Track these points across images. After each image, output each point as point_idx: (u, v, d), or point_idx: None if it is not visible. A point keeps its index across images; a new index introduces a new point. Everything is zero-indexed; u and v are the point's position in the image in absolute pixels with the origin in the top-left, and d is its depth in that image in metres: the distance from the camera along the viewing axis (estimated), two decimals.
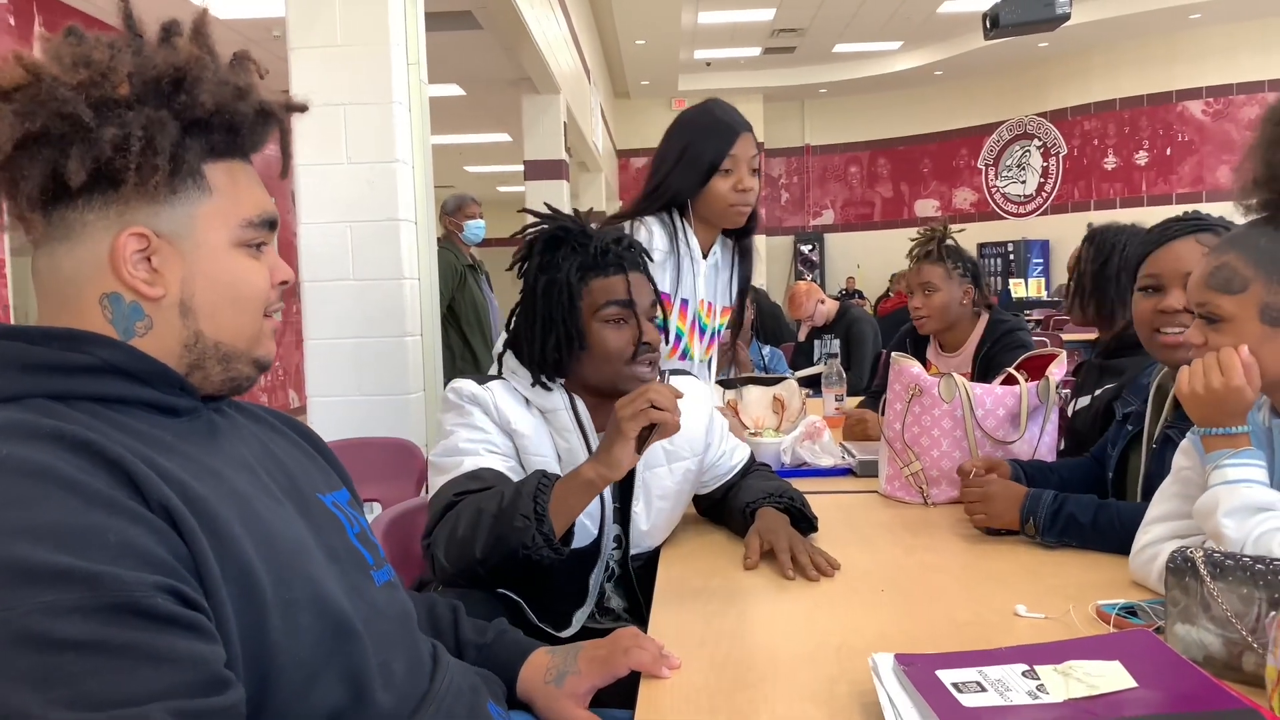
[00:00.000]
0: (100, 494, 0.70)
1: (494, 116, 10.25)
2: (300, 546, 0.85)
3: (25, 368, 0.77)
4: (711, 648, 1.14)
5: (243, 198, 0.88)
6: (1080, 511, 1.50)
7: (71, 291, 0.83)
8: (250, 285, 0.89)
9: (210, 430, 0.88)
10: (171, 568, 0.71)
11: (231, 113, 0.85)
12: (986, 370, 2.63)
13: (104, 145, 0.78)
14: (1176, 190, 12.17)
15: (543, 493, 1.31)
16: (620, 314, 1.50)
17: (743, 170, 2.08)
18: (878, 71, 13.70)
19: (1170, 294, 1.55)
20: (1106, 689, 0.88)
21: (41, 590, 0.64)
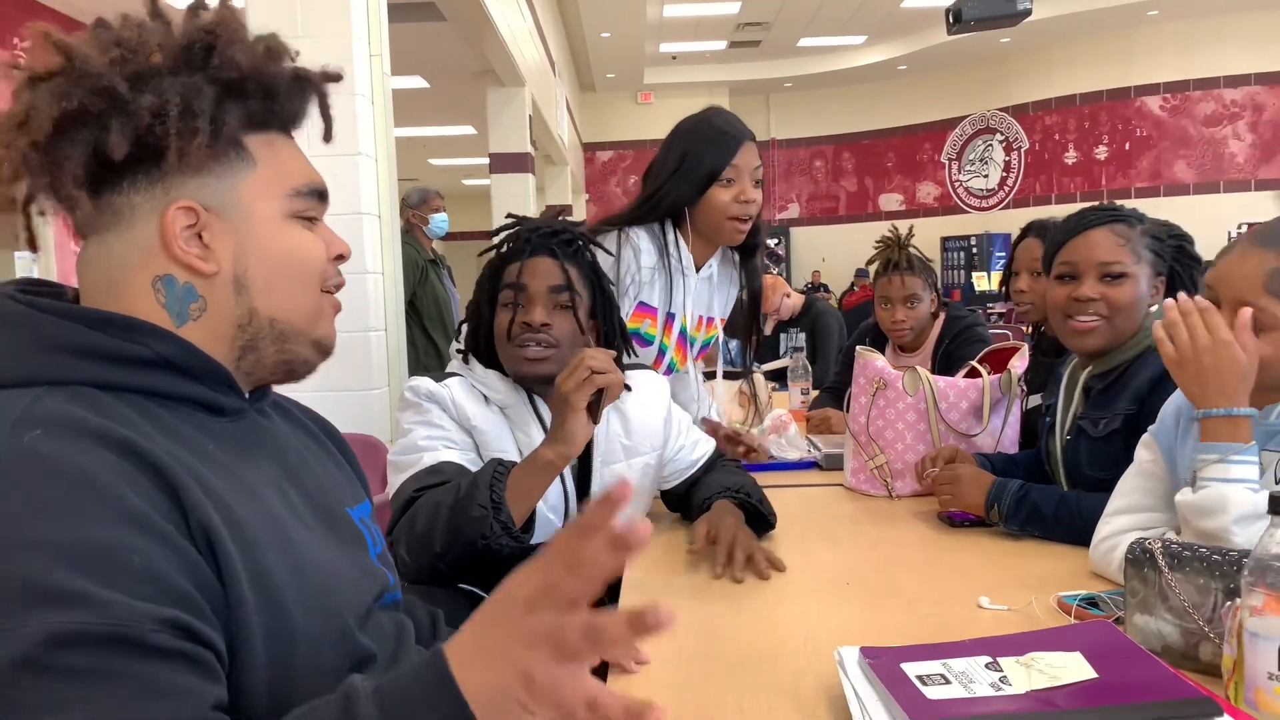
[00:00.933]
0: (133, 509, 0.68)
1: (458, 109, 10.18)
2: (329, 579, 0.83)
3: (79, 352, 0.75)
4: (680, 642, 1.14)
5: (289, 167, 0.85)
6: (1043, 502, 1.52)
7: (122, 277, 0.80)
8: (305, 256, 0.85)
9: (251, 437, 0.85)
10: (189, 600, 0.69)
11: (266, 75, 0.82)
12: (947, 366, 2.65)
13: (142, 114, 0.75)
14: (1135, 184, 12.36)
15: (499, 480, 1.31)
16: (509, 297, 1.53)
17: (745, 181, 1.98)
18: (842, 66, 13.76)
19: (1084, 282, 1.57)
20: (1068, 680, 0.90)
21: (48, 611, 0.62)
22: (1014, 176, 13.63)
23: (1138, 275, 1.55)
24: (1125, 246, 1.55)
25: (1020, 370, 1.97)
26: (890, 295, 2.85)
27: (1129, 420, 1.50)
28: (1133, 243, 1.56)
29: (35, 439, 0.68)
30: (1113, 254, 1.55)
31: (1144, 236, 1.57)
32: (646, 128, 14.78)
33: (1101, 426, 1.54)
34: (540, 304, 1.51)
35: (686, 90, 14.44)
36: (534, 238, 1.54)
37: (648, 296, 2.03)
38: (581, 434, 1.35)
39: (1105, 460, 1.52)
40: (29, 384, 0.73)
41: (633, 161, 14.93)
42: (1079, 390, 1.62)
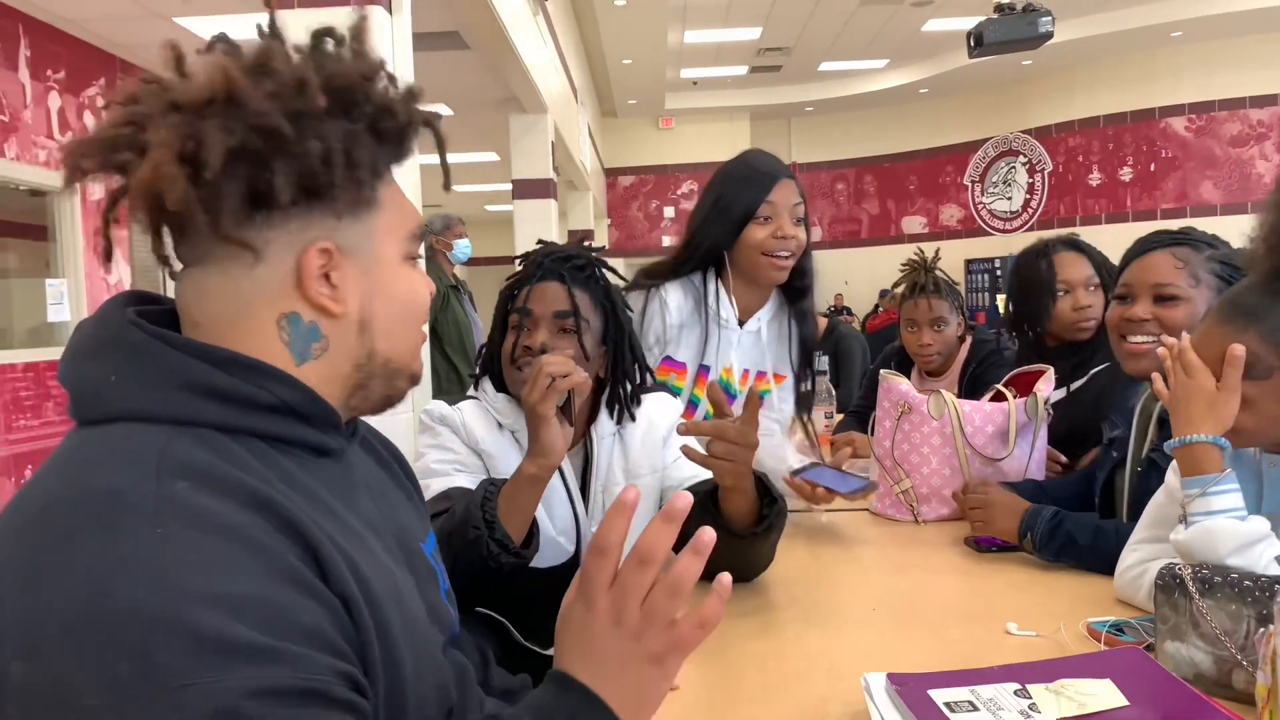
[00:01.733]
0: (293, 569, 0.68)
1: (481, 136, 10.27)
2: (427, 629, 0.83)
3: (205, 393, 0.73)
4: (703, 667, 1.13)
5: (405, 210, 0.85)
6: (1078, 531, 1.49)
7: (244, 310, 0.77)
8: (421, 298, 0.86)
9: (348, 477, 0.85)
10: (348, 655, 0.69)
11: (413, 123, 0.82)
12: (973, 390, 2.64)
13: (310, 159, 0.74)
14: (1161, 205, 12.27)
15: (489, 500, 1.32)
16: (516, 321, 1.54)
17: (783, 218, 1.91)
18: (863, 89, 13.79)
19: (1138, 303, 1.56)
20: (1098, 707, 0.88)
21: (241, 666, 0.61)
22: (1038, 198, 13.57)
23: (1194, 299, 1.53)
24: (1183, 270, 1.54)
25: (1046, 393, 1.95)
26: (917, 319, 2.83)
27: None
28: (1192, 266, 1.54)
29: (185, 491, 0.67)
30: (1167, 276, 1.54)
31: (1210, 262, 1.55)
32: (668, 152, 14.87)
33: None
34: (544, 328, 1.51)
35: (708, 115, 14.53)
36: (545, 262, 1.55)
37: (674, 352, 1.97)
38: (558, 441, 1.35)
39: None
40: (153, 419, 0.72)
41: (654, 186, 15.01)
42: (1153, 423, 1.60)
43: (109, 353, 0.75)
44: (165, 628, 0.61)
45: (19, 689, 0.61)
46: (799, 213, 1.94)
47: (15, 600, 0.63)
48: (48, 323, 6.13)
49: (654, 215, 15.05)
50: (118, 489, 0.66)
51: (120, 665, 0.59)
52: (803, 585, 1.48)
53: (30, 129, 5.84)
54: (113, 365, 0.74)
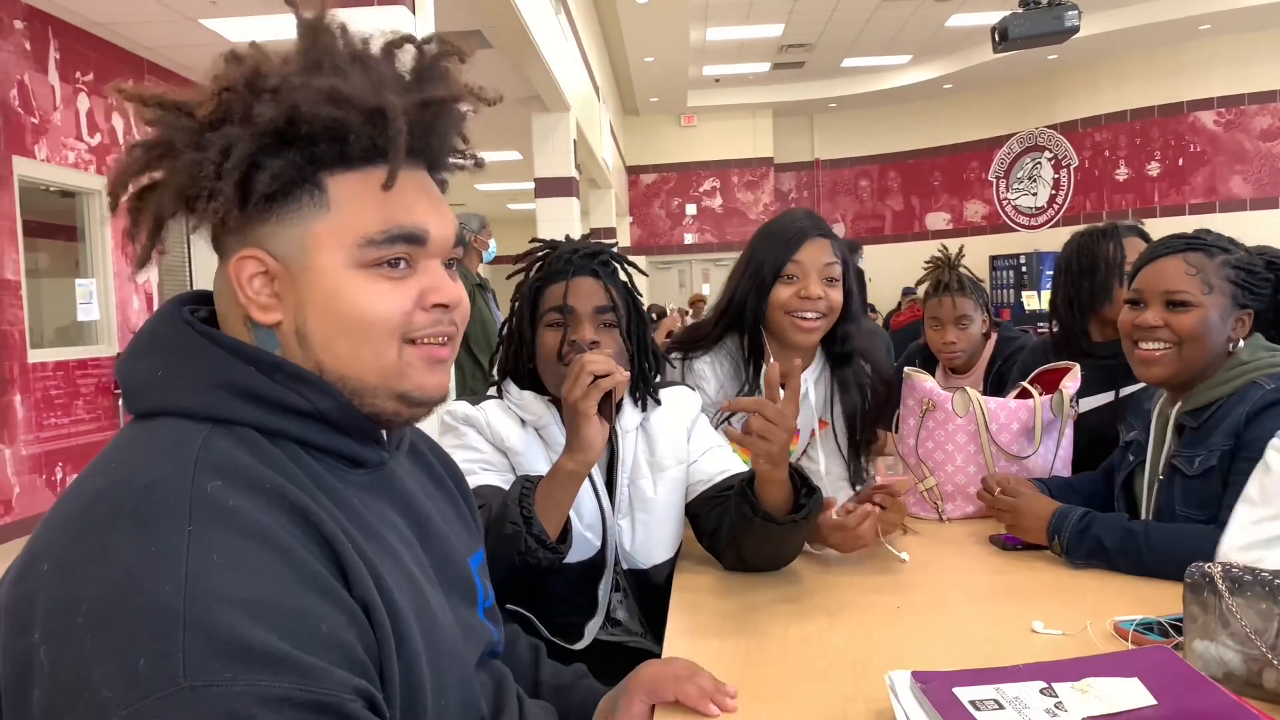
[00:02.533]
0: (316, 575, 0.69)
1: (504, 135, 10.30)
2: (454, 644, 0.83)
3: (246, 395, 0.75)
4: (726, 665, 1.14)
5: (367, 215, 0.78)
6: (1107, 534, 1.48)
7: (230, 313, 0.81)
8: (370, 313, 0.78)
9: (384, 489, 0.85)
10: (368, 670, 0.70)
11: (315, 124, 0.76)
12: (999, 387, 2.62)
13: (203, 165, 0.75)
14: (1189, 200, 12.13)
15: (527, 496, 1.32)
16: (556, 318, 1.54)
17: (810, 278, 1.81)
18: (887, 85, 13.72)
19: (1149, 309, 1.55)
20: (1125, 706, 0.88)
21: (254, 671, 0.62)
22: (1064, 194, 13.45)
23: (1206, 306, 1.50)
24: (1195, 276, 1.51)
25: (1072, 391, 1.94)
26: (941, 316, 2.81)
27: (1225, 457, 1.46)
28: (1205, 272, 1.51)
29: (219, 490, 0.68)
30: (1178, 283, 1.51)
31: (1225, 267, 1.52)
32: (690, 150, 14.86)
33: (1197, 465, 1.49)
34: (587, 323, 1.52)
35: (730, 112, 14.51)
36: (576, 259, 1.56)
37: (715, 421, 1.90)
38: (598, 438, 1.35)
39: (1201, 498, 1.48)
40: (196, 416, 0.74)
41: (676, 184, 15.00)
42: (1170, 428, 1.58)
43: (160, 350, 0.78)
44: (185, 626, 0.62)
45: (45, 675, 0.63)
46: (831, 273, 1.84)
47: (49, 590, 0.65)
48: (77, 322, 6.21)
49: (676, 213, 15.05)
50: (154, 484, 0.68)
51: (138, 660, 0.61)
52: (827, 583, 1.48)
53: (60, 130, 5.91)
54: (162, 361, 0.77)
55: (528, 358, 1.58)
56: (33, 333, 5.60)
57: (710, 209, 15.01)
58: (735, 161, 14.89)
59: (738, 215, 14.92)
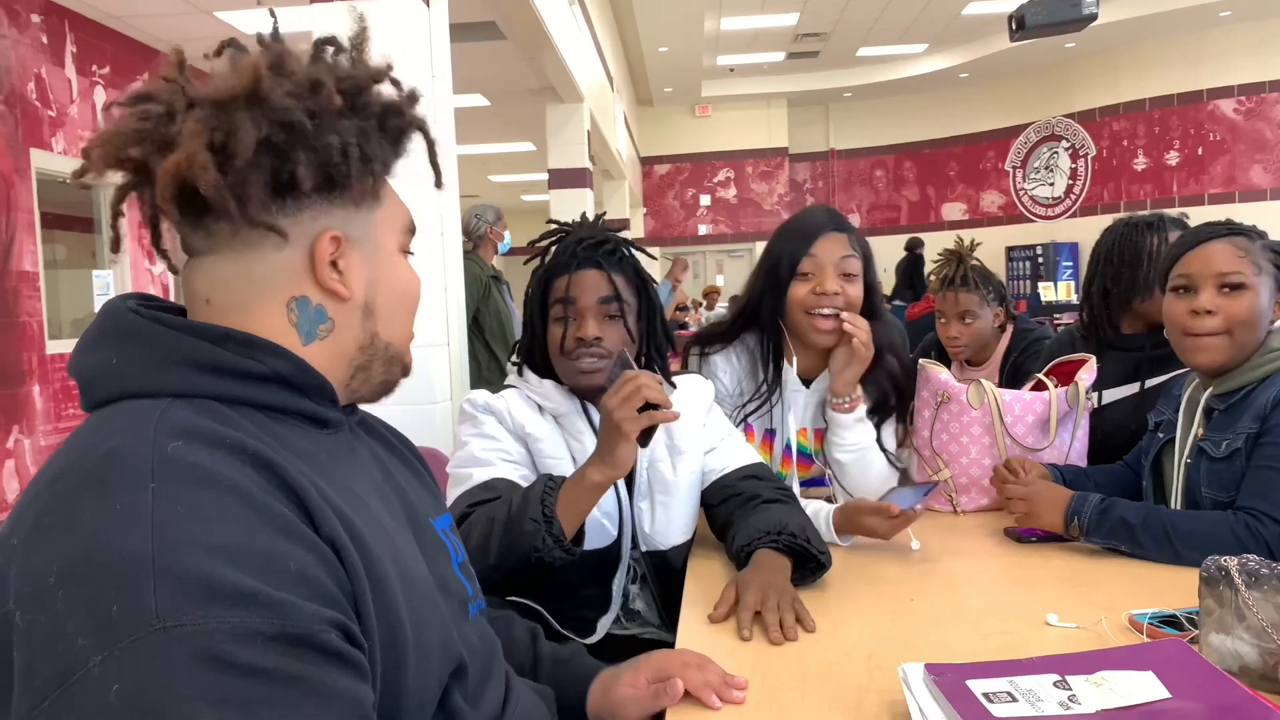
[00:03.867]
0: (280, 517, 0.70)
1: (518, 126, 10.30)
2: (429, 587, 0.85)
3: (200, 366, 0.77)
4: (740, 657, 1.14)
5: (400, 206, 0.92)
6: (1130, 513, 1.48)
7: (256, 294, 0.82)
8: (415, 287, 0.94)
9: (350, 448, 0.89)
10: (340, 603, 0.72)
11: (414, 125, 0.90)
12: (1015, 379, 2.60)
13: (331, 152, 0.80)
14: (1209, 190, 12.02)
15: (550, 495, 1.32)
16: (560, 312, 1.55)
17: (826, 273, 1.80)
18: (902, 75, 13.63)
19: (1202, 293, 1.53)
20: (1139, 700, 0.87)
21: (227, 609, 0.64)
22: (1081, 184, 13.35)
23: (1258, 287, 1.50)
24: (1245, 258, 1.51)
25: (1088, 383, 1.93)
26: (946, 311, 2.81)
27: (1250, 440, 1.46)
28: (1253, 255, 1.51)
29: (179, 448, 0.70)
30: (1232, 264, 1.51)
31: (1266, 250, 1.53)
32: (704, 140, 14.81)
33: (1224, 448, 1.50)
34: (591, 317, 1.53)
35: (744, 102, 14.45)
36: (579, 250, 1.56)
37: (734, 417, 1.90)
38: (629, 458, 1.35)
39: (1225, 481, 1.49)
40: (155, 395, 0.75)
41: (690, 174, 14.96)
42: (1199, 411, 1.58)
43: (110, 341, 0.79)
44: (155, 572, 0.63)
45: (21, 635, 0.64)
46: (847, 267, 1.81)
47: (20, 561, 0.66)
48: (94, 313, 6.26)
49: (690, 204, 15.01)
50: (115, 450, 0.70)
51: (110, 608, 0.62)
52: (840, 575, 1.47)
53: (76, 123, 5.95)
54: (114, 351, 0.78)
55: (540, 349, 1.60)
56: (51, 324, 5.64)
57: (724, 200, 14.97)
58: (750, 152, 14.84)
59: (752, 206, 14.88)
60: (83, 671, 0.61)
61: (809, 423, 1.93)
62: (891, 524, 1.54)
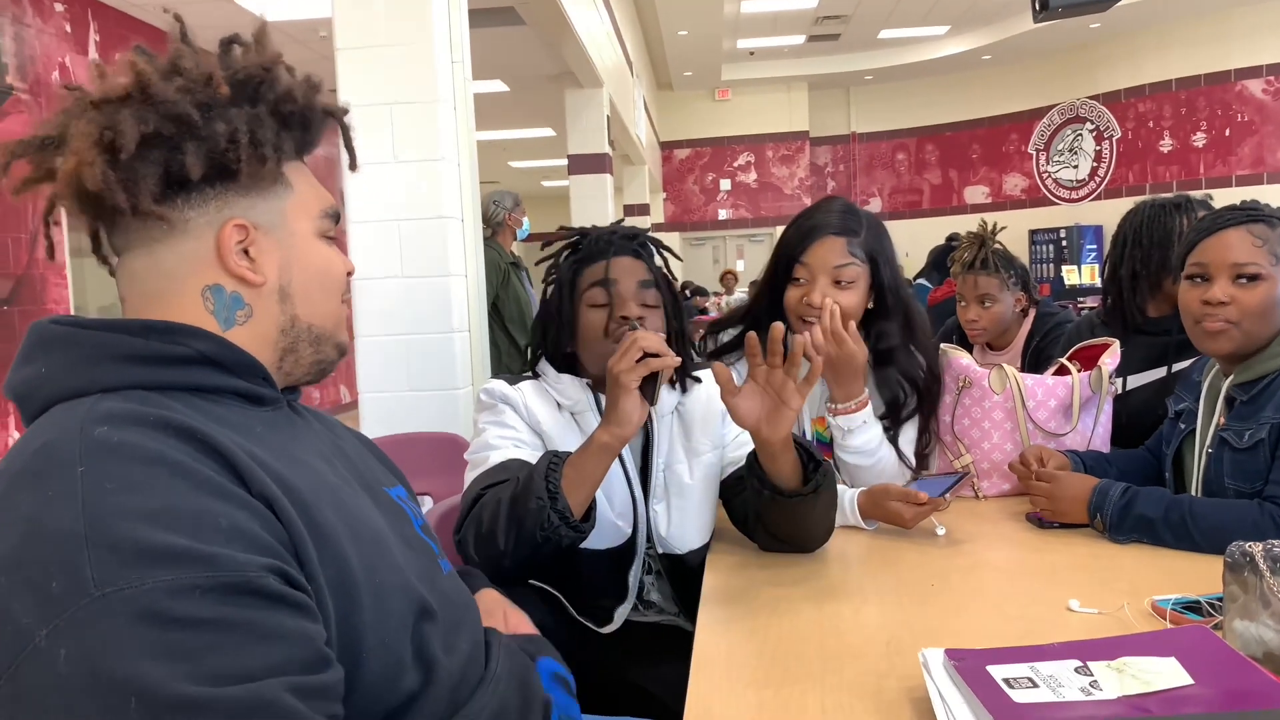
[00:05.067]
0: (209, 480, 0.73)
1: (537, 111, 10.29)
2: (381, 534, 0.88)
3: (125, 359, 0.81)
4: (760, 642, 1.14)
5: (315, 191, 0.95)
6: (1150, 508, 1.47)
7: (170, 286, 0.87)
8: (336, 269, 0.96)
9: (290, 422, 0.92)
10: (277, 551, 0.74)
11: (313, 109, 0.92)
12: (1037, 364, 2.59)
13: (218, 140, 0.83)
14: (1236, 172, 11.85)
15: (554, 470, 1.32)
16: (599, 296, 1.54)
17: (816, 283, 1.72)
18: (924, 57, 13.50)
19: (1215, 284, 1.51)
20: (1162, 686, 0.87)
21: (161, 569, 0.66)
22: (1105, 166, 13.20)
23: (1274, 277, 1.47)
24: (1262, 248, 1.48)
25: (1111, 367, 1.91)
26: (965, 294, 2.80)
27: (1275, 430, 1.44)
28: (1271, 244, 1.48)
29: (105, 432, 0.73)
30: (1247, 255, 1.48)
31: None
32: (724, 125, 14.74)
33: (1247, 438, 1.48)
34: (632, 299, 1.53)
35: (765, 86, 14.36)
36: (614, 239, 1.57)
37: None
38: (635, 413, 1.34)
39: (1249, 472, 1.46)
40: (84, 393, 0.78)
41: (710, 159, 14.90)
42: (1220, 400, 1.56)
43: (38, 354, 0.82)
44: (89, 545, 0.66)
45: None
46: (842, 275, 1.71)
47: None
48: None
49: (710, 188, 14.96)
50: (46, 445, 0.73)
51: (50, 585, 0.65)
52: (861, 560, 1.47)
53: None
54: (42, 362, 0.81)
55: (567, 339, 1.58)
56: (78, 311, 5.70)
57: (745, 184, 14.91)
58: (770, 136, 14.76)
59: (772, 190, 14.81)
60: (30, 647, 0.64)
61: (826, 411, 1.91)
62: (917, 511, 1.53)
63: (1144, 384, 2.18)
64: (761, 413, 1.35)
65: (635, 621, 1.58)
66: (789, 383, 1.34)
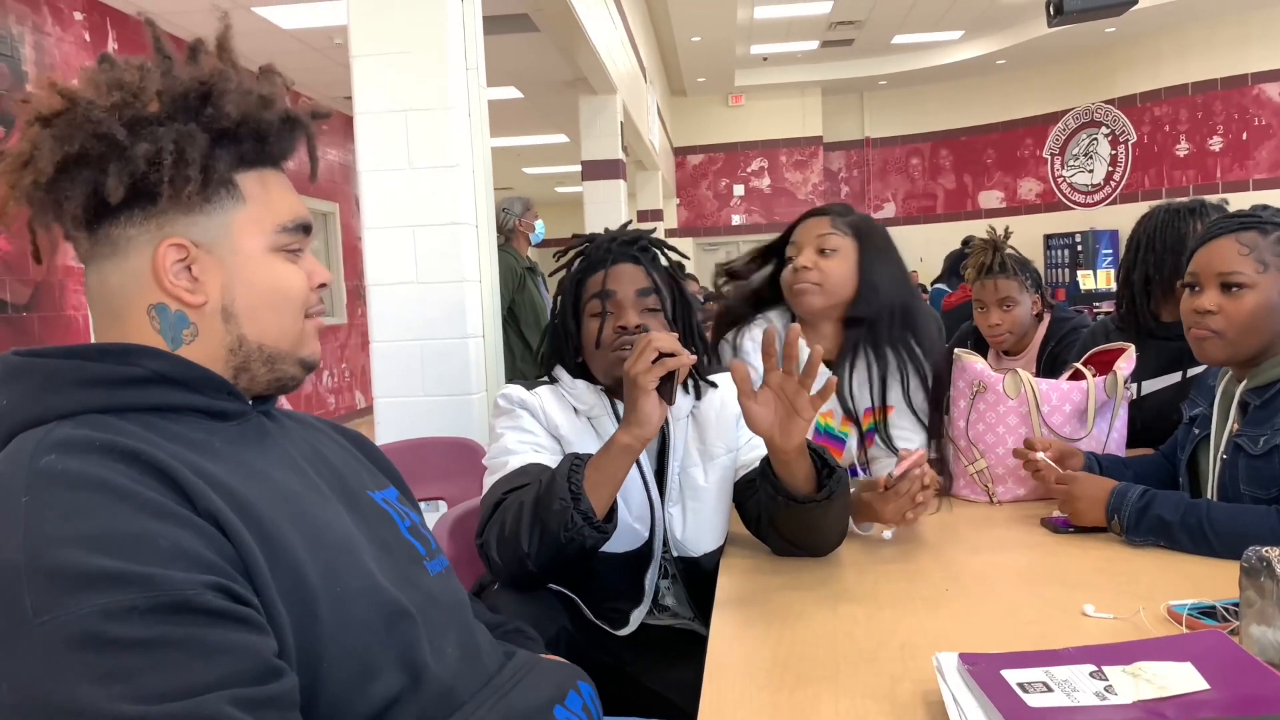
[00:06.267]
0: (151, 502, 0.73)
1: (551, 118, 10.32)
2: (348, 541, 0.88)
3: (81, 383, 0.81)
4: (773, 645, 1.14)
5: (276, 204, 0.91)
6: (1167, 510, 1.46)
7: (120, 304, 0.87)
8: (289, 288, 0.92)
9: (260, 433, 0.92)
10: (220, 568, 0.74)
11: (258, 121, 0.88)
12: (1052, 369, 2.58)
13: (138, 161, 0.82)
14: (1253, 176, 11.77)
15: (576, 472, 1.32)
16: (598, 307, 1.54)
17: (802, 251, 1.87)
18: (938, 62, 13.47)
19: (1204, 293, 1.51)
20: (1177, 690, 0.87)
21: (97, 593, 0.67)
22: (1121, 171, 13.13)
23: (1260, 285, 1.47)
24: (1249, 256, 1.47)
25: (1126, 372, 1.90)
26: (985, 299, 2.79)
27: None
28: (1259, 251, 1.47)
29: (50, 461, 0.73)
30: (1230, 264, 1.48)
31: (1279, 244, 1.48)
32: (738, 130, 14.74)
33: (1261, 444, 1.47)
34: (630, 308, 1.53)
35: (778, 91, 14.36)
36: (614, 247, 1.57)
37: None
38: (655, 415, 1.35)
39: (1264, 479, 1.45)
40: (43, 422, 0.79)
41: (724, 164, 14.90)
42: (1234, 405, 1.55)
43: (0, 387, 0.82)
44: (27, 575, 0.67)
45: None
46: (825, 243, 1.85)
47: None
48: None
49: (723, 194, 14.96)
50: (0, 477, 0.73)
51: None
52: (875, 564, 1.47)
53: None
54: (3, 394, 0.81)
55: (574, 351, 1.59)
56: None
57: (758, 189, 14.90)
58: (783, 141, 14.75)
59: (786, 195, 14.79)
60: None
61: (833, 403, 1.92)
62: (882, 497, 1.51)
63: (1159, 389, 2.18)
64: (775, 420, 1.35)
65: (650, 625, 1.58)
66: (803, 393, 1.34)
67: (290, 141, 0.93)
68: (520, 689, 0.99)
